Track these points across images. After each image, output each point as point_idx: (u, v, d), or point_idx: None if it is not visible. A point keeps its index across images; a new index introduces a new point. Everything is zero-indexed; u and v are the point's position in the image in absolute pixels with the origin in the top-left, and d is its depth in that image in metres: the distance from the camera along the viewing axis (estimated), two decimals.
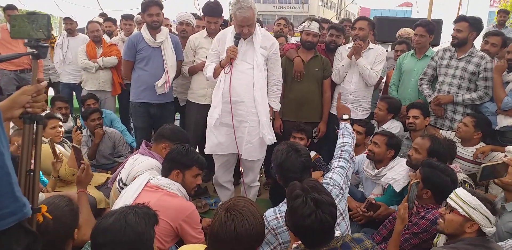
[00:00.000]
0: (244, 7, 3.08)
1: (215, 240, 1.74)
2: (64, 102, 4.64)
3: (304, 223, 1.73)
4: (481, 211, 2.02)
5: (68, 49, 5.76)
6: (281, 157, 2.32)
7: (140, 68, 4.12)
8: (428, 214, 2.47)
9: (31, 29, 1.48)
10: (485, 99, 3.82)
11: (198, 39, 4.15)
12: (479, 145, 3.59)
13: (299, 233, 1.82)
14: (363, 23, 4.09)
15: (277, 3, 46.33)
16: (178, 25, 4.59)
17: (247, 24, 3.15)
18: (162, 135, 3.00)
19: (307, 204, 1.74)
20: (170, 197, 2.42)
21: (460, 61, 3.91)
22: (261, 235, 1.80)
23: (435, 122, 4.03)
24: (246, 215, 1.74)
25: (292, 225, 1.81)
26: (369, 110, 4.27)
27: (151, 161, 2.87)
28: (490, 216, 2.01)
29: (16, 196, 1.19)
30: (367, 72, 4.04)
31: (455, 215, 2.09)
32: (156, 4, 4.01)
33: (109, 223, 1.66)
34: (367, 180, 3.45)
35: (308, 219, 1.72)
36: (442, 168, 2.58)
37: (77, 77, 5.68)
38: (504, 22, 7.97)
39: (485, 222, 2.02)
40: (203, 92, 4.08)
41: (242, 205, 1.79)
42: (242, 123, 3.24)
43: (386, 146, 3.23)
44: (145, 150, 3.00)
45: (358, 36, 4.08)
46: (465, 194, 2.08)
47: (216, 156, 3.46)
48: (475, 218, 2.02)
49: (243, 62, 3.25)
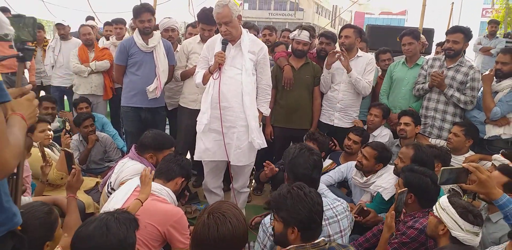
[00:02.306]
0: (219, 5, 3.11)
1: (198, 243, 1.75)
2: (51, 102, 4.60)
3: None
4: (448, 213, 2.10)
5: (60, 53, 5.75)
6: (294, 153, 2.33)
7: (132, 72, 4.12)
8: (416, 223, 2.48)
9: (17, 32, 1.47)
10: (469, 107, 3.85)
11: (192, 44, 4.17)
12: (468, 154, 3.63)
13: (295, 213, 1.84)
14: (348, 31, 4.12)
15: (272, 10, 46.57)
16: (164, 32, 4.59)
17: (223, 21, 3.15)
18: (144, 144, 2.99)
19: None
20: (159, 202, 2.42)
21: (449, 70, 3.95)
22: (244, 238, 1.80)
23: (424, 131, 4.05)
24: (229, 217, 1.74)
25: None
26: (356, 118, 4.28)
27: (138, 165, 2.87)
28: (458, 219, 2.06)
29: (4, 207, 1.18)
30: (360, 83, 4.06)
31: (431, 216, 2.21)
32: (148, 10, 4.03)
33: (90, 230, 1.65)
34: (356, 187, 3.46)
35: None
36: (421, 170, 2.63)
37: (68, 81, 5.66)
38: (495, 32, 8.10)
39: (453, 225, 2.07)
40: (194, 97, 4.08)
41: (225, 208, 1.80)
42: (230, 129, 3.24)
43: (375, 160, 3.24)
44: (134, 154, 2.99)
45: (344, 44, 4.12)
46: (443, 197, 2.20)
47: (205, 161, 3.45)
48: (444, 219, 2.11)
49: (231, 67, 3.26)
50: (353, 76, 4.03)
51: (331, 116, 4.22)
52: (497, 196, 2.07)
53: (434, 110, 4.01)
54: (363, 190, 3.38)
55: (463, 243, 2.06)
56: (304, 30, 4.06)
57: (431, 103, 4.03)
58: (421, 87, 4.09)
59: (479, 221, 2.08)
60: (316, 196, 1.90)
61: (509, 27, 11.79)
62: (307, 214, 1.83)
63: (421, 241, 2.43)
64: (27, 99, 1.44)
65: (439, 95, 3.98)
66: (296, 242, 1.85)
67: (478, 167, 2.11)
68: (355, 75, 4.04)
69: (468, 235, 2.05)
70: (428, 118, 4.04)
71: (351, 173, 3.44)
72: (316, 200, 1.88)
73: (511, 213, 2.05)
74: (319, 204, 1.89)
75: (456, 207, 2.10)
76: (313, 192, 1.93)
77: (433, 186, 2.56)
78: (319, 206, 1.88)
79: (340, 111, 4.19)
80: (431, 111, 4.02)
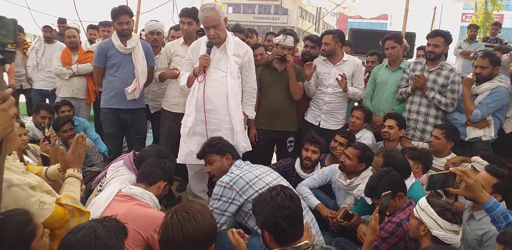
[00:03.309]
0: (207, 8, 3.15)
1: (165, 244, 1.72)
2: (49, 112, 4.50)
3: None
4: (427, 213, 2.14)
5: (43, 55, 5.69)
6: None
7: (110, 74, 4.10)
8: (394, 218, 2.52)
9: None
10: (449, 109, 3.91)
11: (174, 46, 4.16)
12: (450, 156, 3.68)
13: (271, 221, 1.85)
14: (327, 38, 4.18)
15: (256, 14, 46.73)
16: (149, 35, 4.57)
17: (211, 24, 3.18)
18: (142, 160, 2.87)
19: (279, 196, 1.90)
20: (141, 206, 2.38)
21: (430, 73, 4.01)
22: (212, 234, 1.77)
23: (406, 134, 4.09)
24: (192, 214, 1.71)
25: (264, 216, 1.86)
26: (343, 121, 4.32)
27: (131, 176, 2.84)
28: (437, 218, 2.09)
29: None
30: (356, 95, 4.22)
31: (412, 218, 2.24)
32: (126, 12, 4.03)
33: (77, 238, 1.59)
34: (340, 190, 3.47)
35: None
36: (388, 170, 2.71)
37: (51, 84, 5.58)
38: (475, 37, 8.26)
39: (433, 225, 2.11)
40: (177, 101, 4.07)
41: (189, 206, 1.77)
42: (215, 132, 3.23)
43: (358, 159, 3.25)
44: (130, 164, 2.94)
45: (325, 51, 4.18)
46: (422, 198, 2.24)
47: (189, 165, 3.44)
48: (423, 219, 2.14)
49: (216, 70, 3.26)
50: (350, 92, 4.13)
51: (317, 118, 4.25)
52: (484, 200, 2.11)
53: (416, 113, 4.06)
54: (347, 193, 3.39)
55: (444, 243, 2.08)
56: (289, 35, 4.09)
57: (414, 106, 4.08)
58: (404, 91, 4.13)
59: (457, 219, 2.11)
60: (284, 200, 1.88)
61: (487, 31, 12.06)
62: (270, 217, 1.84)
63: (399, 235, 2.47)
64: (1, 110, 1.38)
65: (421, 98, 4.04)
66: (274, 246, 1.86)
67: (465, 171, 2.13)
68: (351, 91, 4.12)
69: (448, 234, 2.08)
70: (410, 121, 4.09)
71: (335, 176, 3.45)
72: (283, 204, 1.86)
73: (498, 216, 2.09)
74: (286, 207, 1.86)
75: (434, 206, 2.14)
76: (284, 195, 1.90)
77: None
78: (285, 209, 1.85)
79: (326, 114, 4.23)
80: (414, 114, 4.07)
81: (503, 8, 20.28)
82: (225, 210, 2.63)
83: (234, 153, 2.90)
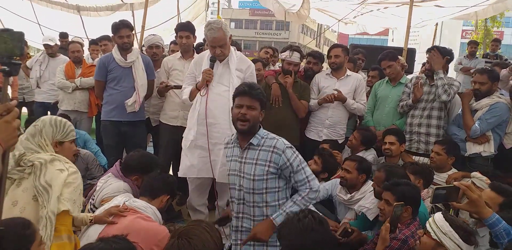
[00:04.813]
0: (214, 28, 3.16)
1: None
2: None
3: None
4: (451, 237, 2.06)
5: (47, 68, 5.74)
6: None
7: (111, 88, 4.16)
8: (399, 234, 2.50)
9: (4, 46, 1.46)
10: (443, 97, 3.84)
11: (172, 61, 4.20)
12: (451, 171, 3.67)
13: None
14: (337, 51, 4.23)
15: (258, 29, 47.21)
16: (148, 49, 4.63)
17: (218, 44, 3.21)
18: (130, 166, 2.93)
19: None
20: (143, 220, 2.38)
21: (432, 87, 4.03)
22: None
23: (410, 147, 4.09)
24: (194, 244, 1.70)
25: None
26: (343, 135, 4.34)
27: (119, 183, 2.84)
28: (461, 244, 2.05)
29: None
30: (357, 110, 4.26)
31: (428, 238, 2.15)
32: (126, 26, 4.10)
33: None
34: (340, 205, 3.46)
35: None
36: (406, 182, 2.69)
37: (53, 97, 5.61)
38: (475, 53, 8.34)
39: (455, 249, 2.05)
40: (175, 114, 4.10)
41: (193, 233, 1.76)
42: (216, 145, 3.24)
43: (357, 171, 3.25)
44: (117, 172, 2.95)
45: (335, 63, 4.20)
46: (440, 219, 2.15)
47: (190, 178, 3.43)
48: (445, 243, 2.06)
49: (219, 84, 3.30)
50: (348, 105, 4.18)
51: (319, 133, 4.27)
52: (487, 215, 2.08)
53: (418, 125, 4.06)
54: (347, 207, 3.38)
55: None
56: (295, 51, 4.14)
57: (415, 120, 4.09)
58: (405, 104, 4.17)
59: (477, 241, 2.10)
60: (313, 222, 1.87)
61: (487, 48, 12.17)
62: (297, 240, 1.81)
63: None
64: (4, 121, 1.41)
65: (422, 111, 4.05)
66: None
67: (470, 186, 2.11)
68: (351, 103, 4.16)
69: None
70: (413, 134, 4.09)
71: (336, 190, 3.45)
72: (311, 226, 1.86)
73: (500, 232, 2.06)
74: (314, 230, 1.85)
75: (458, 230, 2.08)
76: (313, 218, 1.91)
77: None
78: (313, 232, 1.84)
79: (328, 128, 4.25)
80: (416, 127, 4.07)
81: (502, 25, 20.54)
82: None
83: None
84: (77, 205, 2.17)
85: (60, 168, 2.15)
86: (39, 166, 2.12)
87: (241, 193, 2.49)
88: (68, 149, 2.34)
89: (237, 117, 2.42)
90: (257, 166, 2.41)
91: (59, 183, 2.09)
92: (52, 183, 2.08)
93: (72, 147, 2.40)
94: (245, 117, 2.41)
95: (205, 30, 3.24)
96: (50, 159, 2.16)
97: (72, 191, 2.12)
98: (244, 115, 2.41)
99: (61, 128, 2.30)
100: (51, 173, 2.11)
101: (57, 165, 2.16)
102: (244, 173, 2.44)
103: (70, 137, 2.34)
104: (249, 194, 2.45)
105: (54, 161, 2.16)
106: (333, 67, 4.25)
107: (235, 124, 2.45)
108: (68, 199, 2.09)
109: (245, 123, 2.41)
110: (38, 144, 2.24)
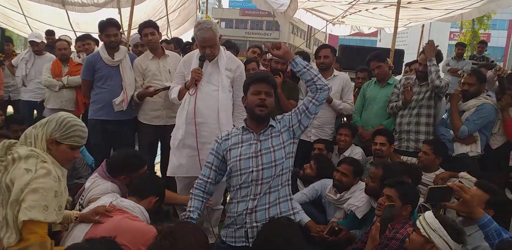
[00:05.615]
0: (204, 28, 3.14)
1: None
2: (18, 124, 4.38)
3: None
4: (440, 234, 2.10)
5: (33, 66, 5.66)
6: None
7: (98, 87, 4.11)
8: (397, 234, 2.51)
9: None
10: (436, 81, 3.87)
11: (145, 62, 4.07)
12: (438, 171, 3.71)
13: None
14: (326, 51, 4.24)
15: (249, 29, 47.20)
16: (133, 48, 4.59)
17: (208, 44, 3.20)
18: (115, 167, 2.88)
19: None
20: (130, 220, 2.35)
21: (422, 87, 4.09)
22: None
23: (400, 146, 4.12)
24: (177, 248, 1.69)
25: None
26: (332, 135, 4.36)
27: (106, 185, 2.80)
28: (449, 241, 2.08)
29: None
30: (345, 109, 4.29)
31: (417, 235, 2.18)
32: (113, 25, 4.05)
33: None
34: (330, 205, 3.47)
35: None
36: (406, 182, 2.74)
37: (39, 95, 5.53)
38: (462, 55, 8.44)
39: (444, 246, 2.08)
40: (158, 114, 4.06)
41: (179, 234, 1.75)
42: (205, 145, 3.22)
43: (354, 175, 3.31)
44: (103, 173, 2.91)
45: (324, 64, 4.20)
46: (429, 216, 2.19)
47: (178, 178, 3.41)
48: (434, 240, 2.10)
49: (208, 84, 3.27)
50: (335, 105, 4.19)
51: (307, 133, 4.26)
52: (479, 216, 2.10)
53: (407, 124, 4.10)
54: (337, 207, 3.39)
55: None
56: None
57: (404, 119, 4.12)
58: (394, 105, 4.20)
59: (464, 239, 2.13)
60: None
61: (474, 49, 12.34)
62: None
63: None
64: None
65: (411, 110, 4.09)
66: None
67: (463, 186, 2.14)
68: (337, 104, 4.18)
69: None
70: (403, 133, 4.12)
71: (325, 190, 3.45)
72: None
73: (491, 232, 2.08)
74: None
75: (447, 227, 2.11)
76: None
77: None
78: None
79: (317, 128, 4.26)
80: (405, 126, 4.11)
81: (489, 27, 20.84)
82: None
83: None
84: (52, 209, 2.00)
85: (29, 167, 2.00)
86: (11, 160, 2.02)
87: (259, 173, 2.46)
88: (63, 152, 2.17)
89: (256, 103, 2.45)
90: (275, 152, 2.47)
91: (20, 185, 1.95)
92: (15, 182, 1.97)
93: (69, 153, 2.20)
94: (265, 103, 2.45)
95: (194, 30, 3.22)
96: (26, 154, 2.03)
97: (40, 196, 1.95)
98: (264, 101, 2.45)
99: (64, 127, 2.15)
100: (17, 171, 1.99)
101: (29, 162, 2.02)
102: (263, 164, 2.46)
103: (70, 141, 2.17)
104: (270, 169, 2.47)
105: (29, 157, 2.03)
106: (321, 68, 4.26)
107: (254, 110, 2.47)
108: (33, 206, 1.92)
109: (264, 109, 2.45)
110: (36, 135, 2.14)
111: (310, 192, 3.54)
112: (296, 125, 2.54)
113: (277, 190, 2.51)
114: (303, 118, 2.53)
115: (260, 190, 2.47)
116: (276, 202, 2.51)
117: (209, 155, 2.64)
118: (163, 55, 4.08)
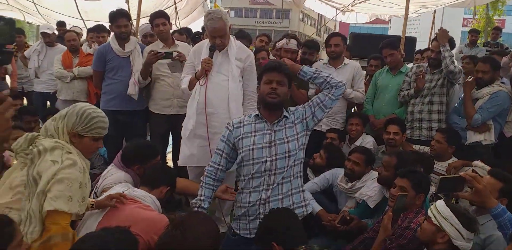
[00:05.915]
0: (214, 18, 3.12)
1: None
2: (32, 115, 4.45)
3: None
4: (451, 222, 2.08)
5: (45, 58, 5.71)
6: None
7: (109, 78, 4.14)
8: (411, 224, 2.51)
9: None
10: (451, 66, 3.87)
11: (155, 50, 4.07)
12: (451, 160, 3.67)
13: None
14: (337, 39, 4.19)
15: (258, 18, 46.82)
16: (143, 38, 4.59)
17: (218, 35, 3.18)
18: (128, 158, 2.89)
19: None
20: (142, 209, 2.38)
21: (434, 74, 4.05)
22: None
23: (412, 135, 4.09)
24: (187, 238, 1.70)
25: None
26: (342, 124, 4.33)
27: (120, 174, 2.83)
28: (461, 229, 2.05)
29: None
30: (356, 98, 4.22)
31: (428, 223, 2.16)
32: (124, 15, 4.06)
33: (86, 248, 1.57)
34: (341, 194, 3.47)
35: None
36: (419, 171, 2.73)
37: (52, 86, 5.58)
38: (476, 41, 8.28)
39: (455, 234, 2.06)
40: (169, 103, 4.07)
41: (189, 224, 1.76)
42: (216, 135, 3.22)
43: (365, 163, 3.30)
44: (118, 162, 2.95)
45: (335, 52, 4.16)
46: (441, 205, 2.16)
47: (190, 167, 3.43)
48: (445, 228, 2.08)
49: (218, 74, 3.27)
50: (346, 95, 4.09)
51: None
52: (492, 205, 2.08)
53: (419, 112, 4.07)
54: (348, 197, 3.39)
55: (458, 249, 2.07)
56: (292, 38, 4.10)
57: (416, 107, 4.09)
58: (406, 94, 4.16)
59: (477, 228, 2.11)
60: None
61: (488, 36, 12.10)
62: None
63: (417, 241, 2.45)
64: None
65: (424, 98, 4.05)
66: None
67: (476, 176, 2.11)
68: (348, 93, 4.10)
69: (468, 243, 2.07)
70: (415, 121, 4.09)
71: (336, 180, 3.45)
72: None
73: (505, 222, 2.06)
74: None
75: (458, 216, 2.09)
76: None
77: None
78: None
79: (328, 117, 4.21)
80: (417, 114, 4.08)
81: (504, 13, 20.39)
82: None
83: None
84: (76, 200, 2.01)
85: (55, 159, 2.01)
86: (37, 153, 2.03)
87: (272, 163, 2.47)
88: (86, 144, 2.18)
89: (267, 92, 2.45)
90: (289, 143, 2.49)
91: (47, 176, 1.96)
92: (42, 175, 1.98)
93: (93, 144, 2.21)
94: (276, 92, 2.44)
95: (204, 20, 3.21)
96: (51, 146, 2.04)
97: (65, 187, 1.97)
98: (275, 89, 2.44)
99: (85, 120, 2.14)
100: (44, 163, 2.00)
101: (55, 154, 2.04)
102: (277, 154, 2.47)
103: (92, 133, 2.18)
104: (283, 159, 2.48)
105: (55, 149, 2.04)
106: (332, 56, 4.21)
107: (265, 98, 2.48)
108: (59, 197, 1.94)
109: (275, 96, 2.44)
110: (58, 127, 2.13)
111: (321, 181, 3.54)
112: (310, 117, 2.55)
113: (290, 181, 2.53)
114: (317, 111, 2.54)
115: (274, 181, 2.48)
116: (289, 193, 2.53)
117: (220, 142, 2.64)
118: (173, 44, 4.09)
